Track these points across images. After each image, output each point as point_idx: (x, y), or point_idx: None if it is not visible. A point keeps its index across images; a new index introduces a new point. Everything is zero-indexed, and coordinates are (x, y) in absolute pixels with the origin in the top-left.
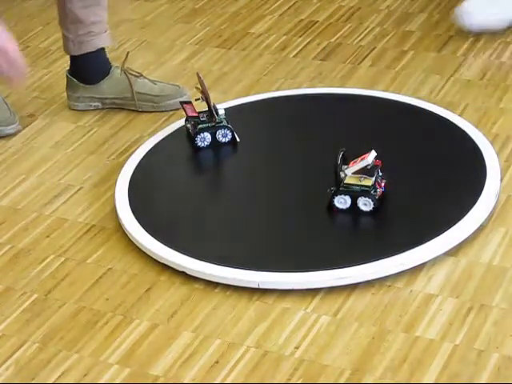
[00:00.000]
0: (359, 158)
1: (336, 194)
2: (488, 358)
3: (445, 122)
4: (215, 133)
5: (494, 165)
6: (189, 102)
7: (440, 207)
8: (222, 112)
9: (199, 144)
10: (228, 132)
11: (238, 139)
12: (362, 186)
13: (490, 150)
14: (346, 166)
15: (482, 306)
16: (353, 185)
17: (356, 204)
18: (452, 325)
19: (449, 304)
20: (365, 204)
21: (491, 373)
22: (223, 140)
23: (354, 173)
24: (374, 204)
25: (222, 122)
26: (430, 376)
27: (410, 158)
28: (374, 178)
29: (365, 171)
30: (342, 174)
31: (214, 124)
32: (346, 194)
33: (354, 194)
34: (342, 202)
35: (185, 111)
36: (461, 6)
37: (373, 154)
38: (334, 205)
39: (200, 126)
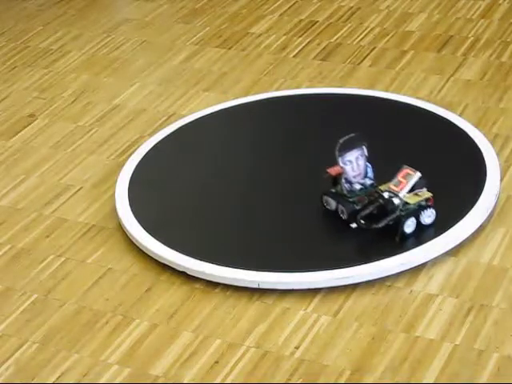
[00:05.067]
0: (400, 178)
1: (403, 219)
2: (488, 358)
3: (445, 122)
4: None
5: (494, 165)
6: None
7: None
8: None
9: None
10: None
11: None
12: (426, 199)
13: (489, 150)
14: (390, 194)
15: (481, 306)
16: (414, 203)
17: (419, 221)
18: (452, 325)
19: (449, 304)
20: (429, 216)
21: (491, 373)
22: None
23: (408, 192)
24: (436, 212)
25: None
26: (429, 376)
27: (410, 158)
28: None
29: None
30: (397, 201)
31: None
32: (410, 215)
33: (417, 211)
34: (411, 224)
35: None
36: None
37: (406, 167)
38: (405, 232)
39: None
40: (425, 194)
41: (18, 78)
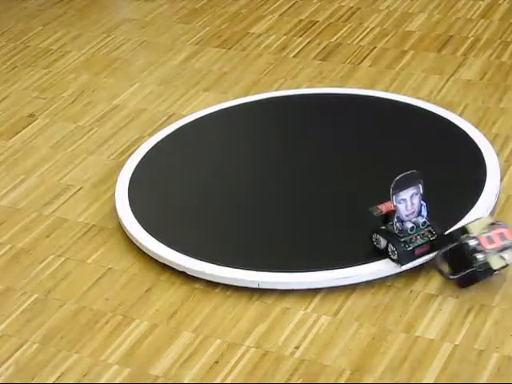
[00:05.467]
0: (493, 235)
1: (477, 274)
2: (488, 358)
3: (445, 122)
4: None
5: (493, 165)
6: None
7: (440, 207)
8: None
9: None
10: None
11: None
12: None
13: (489, 150)
14: (478, 246)
15: (482, 306)
16: (496, 267)
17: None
18: (452, 325)
19: (449, 304)
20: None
21: (491, 373)
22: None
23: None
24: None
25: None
26: (429, 376)
27: (410, 157)
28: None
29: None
30: (480, 258)
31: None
32: (486, 274)
33: (492, 271)
34: (482, 280)
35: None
36: None
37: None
38: (473, 283)
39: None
40: (509, 257)
41: (18, 78)
